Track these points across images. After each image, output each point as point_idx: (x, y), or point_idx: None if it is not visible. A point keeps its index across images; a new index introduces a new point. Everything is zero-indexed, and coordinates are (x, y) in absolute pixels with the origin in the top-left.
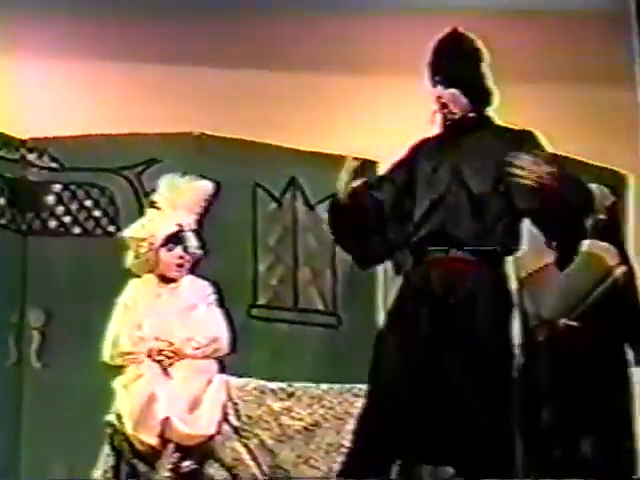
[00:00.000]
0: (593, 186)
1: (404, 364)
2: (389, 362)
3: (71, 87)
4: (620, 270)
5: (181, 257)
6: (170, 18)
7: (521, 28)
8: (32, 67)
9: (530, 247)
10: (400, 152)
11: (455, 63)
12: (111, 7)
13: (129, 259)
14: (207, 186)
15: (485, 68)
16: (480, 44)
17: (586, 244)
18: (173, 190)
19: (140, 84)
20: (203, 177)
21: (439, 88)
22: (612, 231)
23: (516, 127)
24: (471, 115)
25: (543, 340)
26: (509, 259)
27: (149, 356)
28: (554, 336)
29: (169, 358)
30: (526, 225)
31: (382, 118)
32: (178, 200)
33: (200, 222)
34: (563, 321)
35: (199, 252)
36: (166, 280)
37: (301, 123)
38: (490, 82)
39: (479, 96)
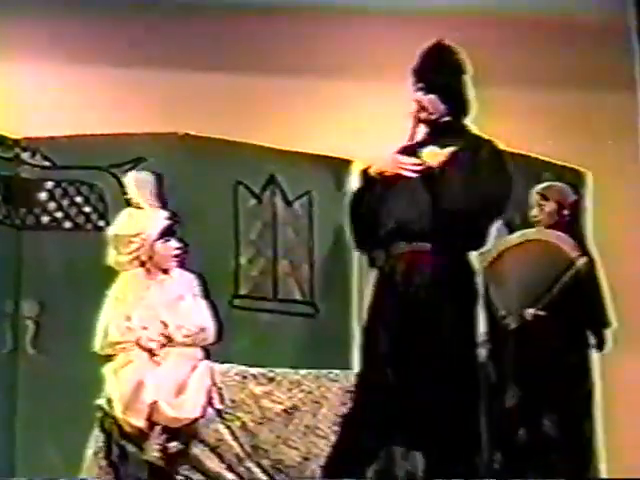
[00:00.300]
0: (557, 184)
1: (378, 353)
2: (366, 351)
3: (63, 89)
4: (582, 261)
5: (178, 248)
6: (157, 22)
7: (518, 32)
8: (26, 70)
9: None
10: (376, 152)
11: (437, 74)
12: (101, 11)
13: (114, 256)
14: (148, 178)
15: (466, 79)
16: (464, 55)
17: (546, 234)
18: (134, 186)
19: (128, 86)
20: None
21: (420, 94)
22: (574, 226)
23: (484, 136)
24: (446, 119)
25: (512, 329)
26: (473, 253)
27: (137, 344)
28: (523, 325)
29: (161, 345)
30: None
31: (358, 119)
32: (144, 195)
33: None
34: (531, 311)
35: None
36: (155, 272)
37: (280, 124)
38: (470, 92)
39: (457, 104)
